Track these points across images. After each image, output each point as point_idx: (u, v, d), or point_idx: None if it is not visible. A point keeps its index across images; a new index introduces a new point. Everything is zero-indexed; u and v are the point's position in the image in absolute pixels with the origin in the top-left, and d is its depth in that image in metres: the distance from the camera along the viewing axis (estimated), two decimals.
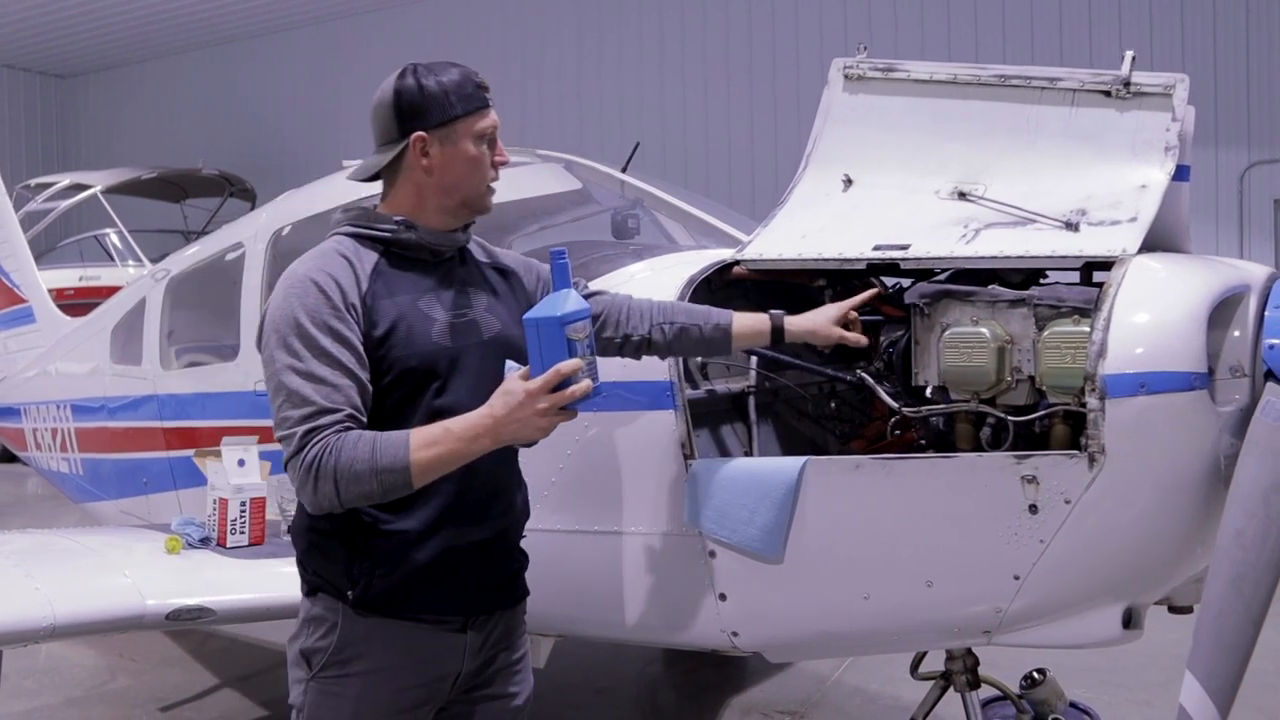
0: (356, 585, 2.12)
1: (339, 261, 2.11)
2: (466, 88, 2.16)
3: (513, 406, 1.92)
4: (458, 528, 2.15)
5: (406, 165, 2.16)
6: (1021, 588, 2.41)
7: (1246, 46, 10.75)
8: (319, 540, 2.15)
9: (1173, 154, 2.61)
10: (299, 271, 2.10)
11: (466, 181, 2.18)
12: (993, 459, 2.39)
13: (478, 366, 2.14)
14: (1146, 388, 2.21)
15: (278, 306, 2.06)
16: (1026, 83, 2.81)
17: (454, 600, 2.19)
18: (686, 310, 2.63)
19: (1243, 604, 2.08)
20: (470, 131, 2.16)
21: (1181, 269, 2.40)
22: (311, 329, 2.01)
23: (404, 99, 2.14)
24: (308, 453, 1.95)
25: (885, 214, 2.85)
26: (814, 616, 2.68)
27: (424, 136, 2.13)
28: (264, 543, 3.34)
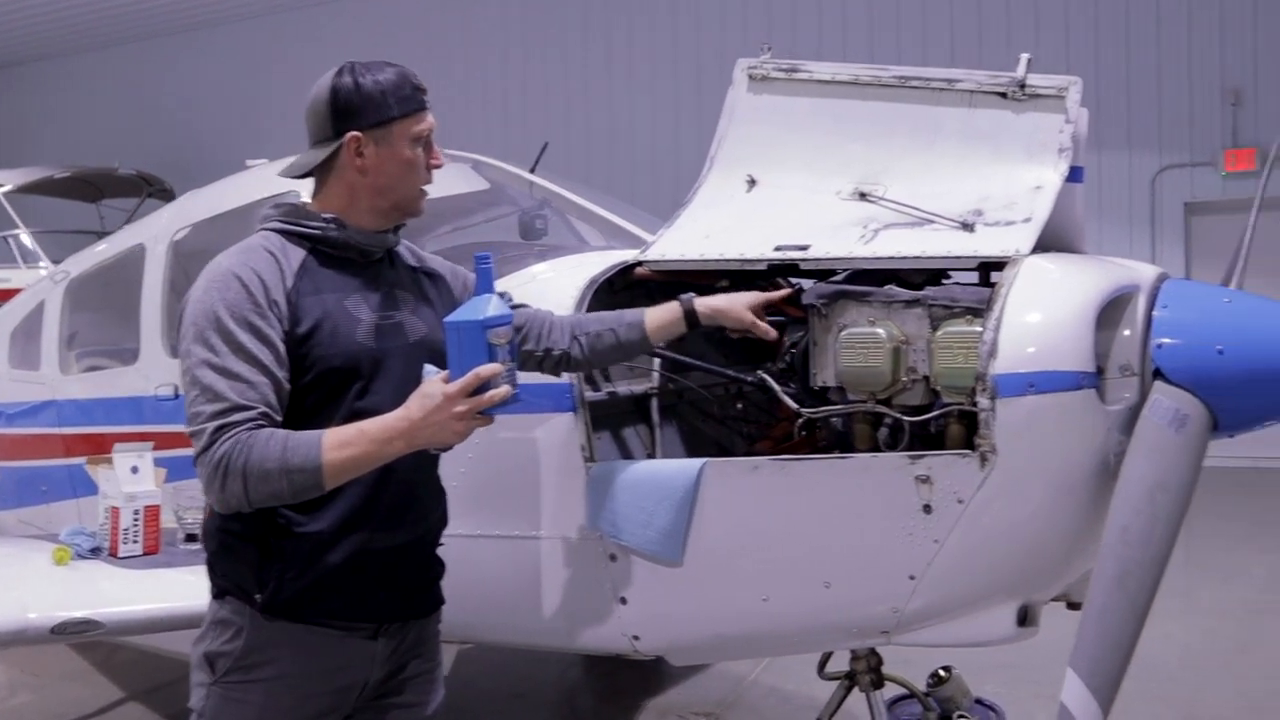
0: (265, 588, 2.07)
1: (264, 257, 2.07)
2: (404, 89, 2.14)
3: (429, 409, 1.90)
4: (371, 532, 2.11)
5: (340, 165, 2.13)
6: (917, 588, 2.42)
7: (1158, 53, 11.02)
8: (229, 542, 2.10)
9: (1066, 155, 2.64)
10: (223, 265, 2.05)
11: (400, 184, 2.15)
12: (887, 459, 2.40)
13: (401, 370, 2.10)
14: (1035, 387, 2.22)
15: (198, 300, 2.02)
16: (925, 84, 2.83)
17: (366, 606, 2.15)
18: (598, 318, 2.61)
19: (1127, 600, 2.10)
20: (406, 134, 2.13)
21: (1072, 269, 2.42)
22: (231, 324, 1.96)
23: (340, 97, 2.12)
24: (217, 449, 1.91)
25: (787, 214, 2.85)
26: (714, 619, 2.66)
27: (359, 137, 2.11)
28: (159, 552, 3.24)
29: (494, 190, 4.03)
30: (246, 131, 14.35)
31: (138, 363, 4.16)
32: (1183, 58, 10.94)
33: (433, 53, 13.84)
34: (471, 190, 3.99)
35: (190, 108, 15.92)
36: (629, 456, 2.88)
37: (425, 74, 2.23)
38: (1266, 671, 5.04)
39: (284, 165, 2.25)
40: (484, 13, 14.05)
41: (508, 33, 13.95)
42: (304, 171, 2.18)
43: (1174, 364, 2.32)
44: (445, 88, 13.81)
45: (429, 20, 14.24)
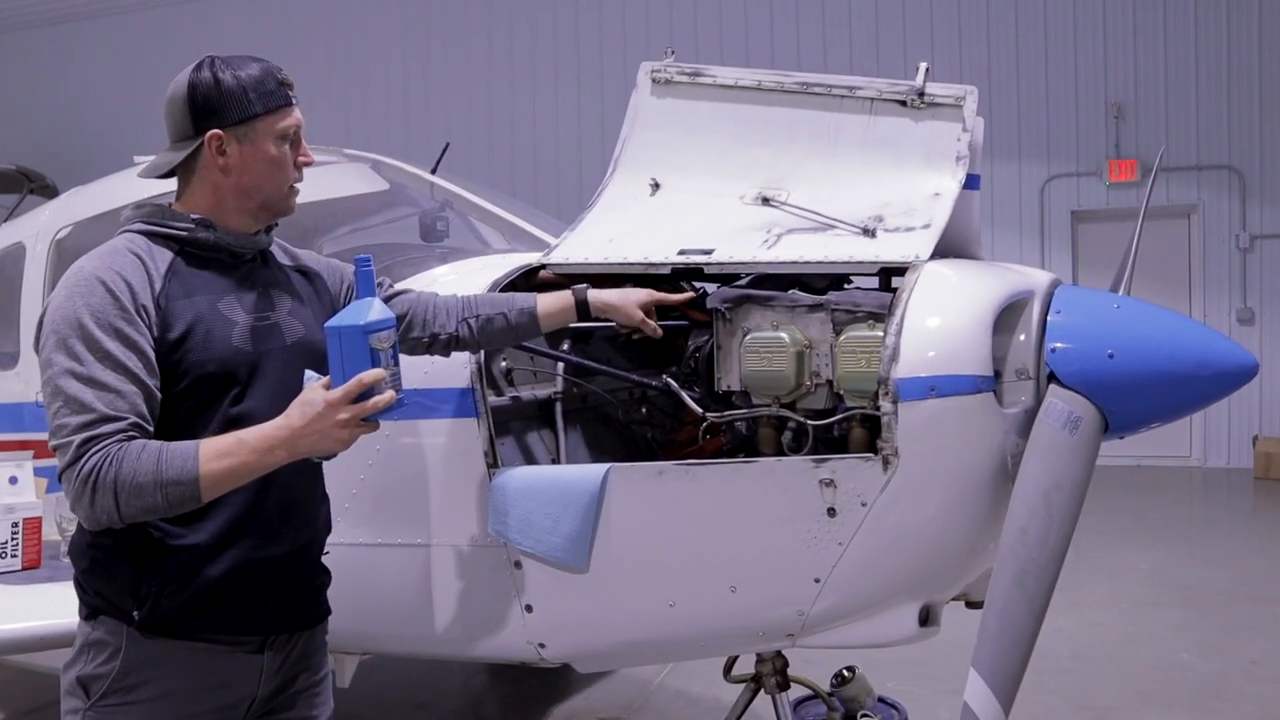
0: (143, 605, 1.98)
1: (130, 259, 1.98)
2: (267, 84, 2.05)
3: (310, 418, 1.84)
4: (253, 542, 2.04)
5: (202, 164, 2.05)
6: (822, 590, 2.44)
7: (1045, 67, 11.37)
8: (101, 558, 2.00)
9: (963, 163, 2.69)
10: (85, 269, 1.95)
11: (267, 182, 2.07)
12: (791, 463, 2.41)
13: (279, 373, 2.04)
14: (936, 390, 2.26)
15: (58, 306, 1.91)
16: (828, 91, 2.86)
17: (250, 620, 2.07)
18: (490, 300, 2.59)
19: (1026, 600, 2.14)
20: (271, 130, 2.05)
21: (970, 275, 2.46)
22: (95, 331, 1.87)
23: (199, 94, 2.03)
24: (85, 463, 1.81)
25: (691, 218, 2.85)
26: (620, 625, 2.65)
27: (220, 135, 2.03)
28: (40, 566, 3.10)
29: (394, 191, 3.96)
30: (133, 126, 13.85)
31: (17, 367, 3.99)
32: (1069, 72, 11.31)
33: (329, 48, 13.59)
34: (370, 191, 3.92)
35: (75, 101, 15.36)
36: (533, 462, 2.85)
37: (320, 71, 2.18)
38: (1152, 663, 5.22)
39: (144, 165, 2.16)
40: (381, 7, 13.83)
41: (407, 28, 13.75)
42: (163, 172, 2.09)
43: (1067, 368, 2.38)
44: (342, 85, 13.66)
45: (325, 14, 13.97)
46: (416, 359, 2.55)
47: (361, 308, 1.87)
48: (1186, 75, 11.07)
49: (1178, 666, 5.20)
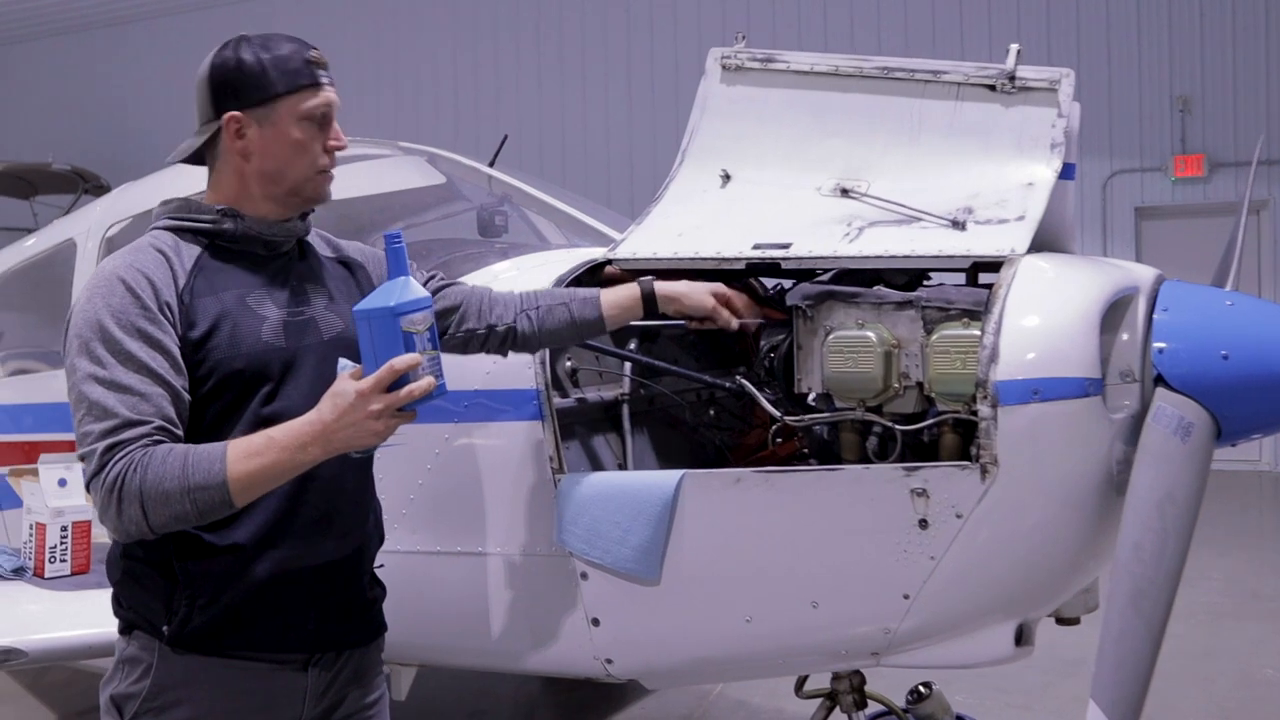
0: (173, 619, 1.87)
1: (153, 256, 1.88)
2: (293, 62, 1.94)
3: (343, 410, 1.71)
4: (291, 549, 1.92)
5: (222, 149, 1.95)
6: (911, 607, 2.29)
7: (1109, 61, 11.08)
8: (133, 569, 1.91)
9: (1059, 151, 2.53)
10: (106, 269, 1.86)
11: (290, 167, 1.95)
12: (880, 471, 2.26)
13: (315, 370, 1.93)
14: (1039, 394, 2.10)
15: (80, 309, 1.82)
16: (910, 76, 2.70)
17: (290, 635, 1.95)
18: (551, 293, 2.45)
19: (1143, 623, 1.98)
20: (295, 111, 1.93)
21: (1072, 270, 2.30)
22: (117, 332, 1.77)
23: (218, 74, 1.94)
24: (109, 471, 1.72)
25: (765, 211, 2.71)
26: (692, 641, 2.52)
27: (238, 116, 1.92)
28: (89, 571, 3.02)
29: (450, 185, 3.86)
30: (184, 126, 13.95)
31: None
32: (1133, 65, 11.00)
33: (383, 41, 13.56)
34: (426, 185, 3.81)
35: (126, 102, 15.49)
36: (599, 467, 2.72)
37: (375, 64, 2.08)
38: (1234, 678, 5.00)
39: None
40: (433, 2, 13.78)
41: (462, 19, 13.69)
42: (184, 156, 1.99)
43: (1177, 370, 2.21)
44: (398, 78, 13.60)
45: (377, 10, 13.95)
46: (478, 359, 2.43)
47: (391, 288, 1.74)
48: (1255, 66, 10.73)
49: (1263, 682, 4.98)
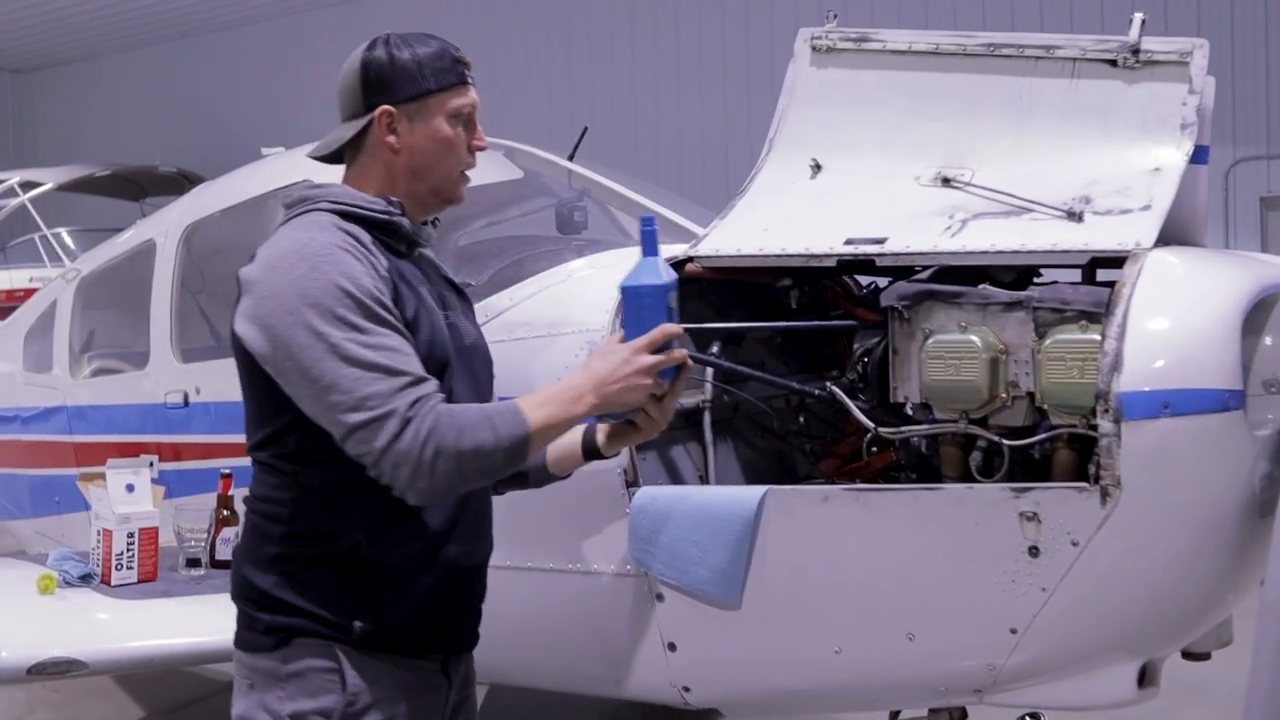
0: (364, 617, 1.80)
1: (344, 235, 1.79)
2: (443, 61, 1.93)
3: (615, 365, 1.80)
4: (458, 549, 1.89)
5: (371, 143, 1.91)
6: (1019, 642, 2.07)
7: (1230, 42, 10.49)
8: (297, 570, 1.81)
9: (1190, 132, 2.26)
10: (317, 240, 1.75)
11: (438, 165, 1.92)
12: (986, 491, 2.04)
13: (466, 373, 1.93)
14: (1171, 409, 1.86)
15: (302, 278, 1.71)
16: (1019, 52, 2.46)
17: (450, 634, 1.93)
18: None
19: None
20: (444, 109, 1.91)
21: (1207, 266, 2.05)
22: (364, 297, 1.72)
23: (372, 70, 1.91)
24: (420, 427, 1.67)
25: (858, 203, 2.51)
26: (777, 671, 2.33)
27: (391, 111, 1.89)
28: (156, 579, 2.94)
29: (529, 179, 3.71)
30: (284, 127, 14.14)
31: (147, 367, 3.88)
32: (1259, 41, 10.39)
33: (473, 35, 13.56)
34: (504, 180, 3.66)
35: (228, 105, 15.83)
36: (678, 481, 2.55)
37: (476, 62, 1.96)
38: None
39: (311, 147, 2.00)
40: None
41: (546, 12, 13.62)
42: (333, 149, 1.95)
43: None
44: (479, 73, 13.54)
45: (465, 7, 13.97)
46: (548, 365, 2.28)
47: (653, 267, 1.89)
48: None
49: None
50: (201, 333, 4.05)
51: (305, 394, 1.71)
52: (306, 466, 1.80)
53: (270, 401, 1.77)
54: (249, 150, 4.97)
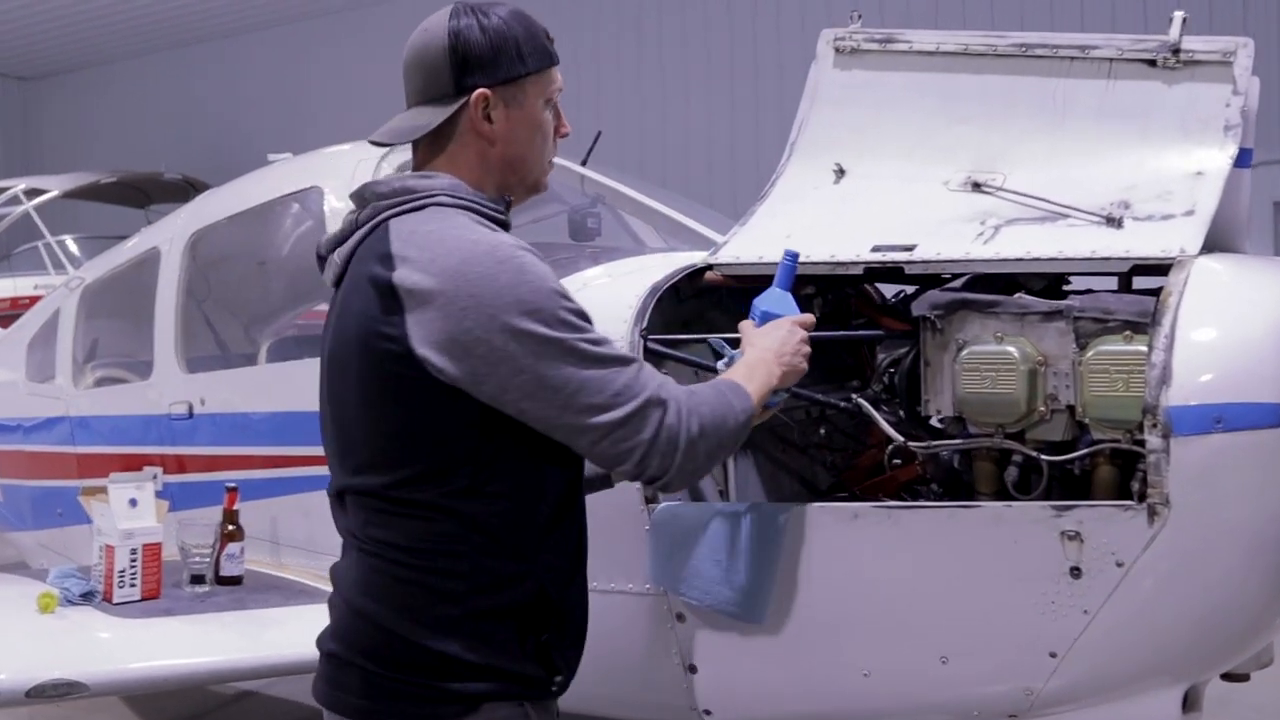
0: (562, 668, 1.68)
1: None
2: (537, 39, 1.73)
3: (784, 337, 1.85)
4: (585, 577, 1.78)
5: (464, 129, 1.70)
6: (1059, 666, 1.99)
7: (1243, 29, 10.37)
8: (484, 627, 1.61)
9: (1234, 134, 2.19)
10: (500, 239, 1.60)
11: (532, 155, 1.74)
12: (1025, 510, 1.95)
13: None
14: (1223, 423, 1.78)
15: (515, 284, 1.55)
16: (1053, 52, 2.39)
17: None
18: None
19: None
20: (540, 92, 1.73)
21: (1256, 273, 1.98)
22: (570, 294, 1.62)
23: (464, 46, 1.69)
24: (677, 407, 1.62)
25: (885, 209, 2.43)
26: (802, 694, 2.24)
27: (488, 94, 1.69)
28: (159, 597, 2.86)
29: None
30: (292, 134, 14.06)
31: (152, 377, 3.80)
32: (1272, 39, 10.28)
33: None
34: None
35: (235, 112, 15.77)
36: (698, 496, 2.46)
37: None
38: None
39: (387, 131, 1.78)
40: None
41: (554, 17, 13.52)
42: (414, 137, 1.73)
43: None
44: None
45: None
46: None
47: (786, 301, 1.96)
48: None
49: None
50: (207, 342, 3.97)
51: (543, 407, 1.56)
52: (483, 503, 1.60)
53: (438, 432, 1.59)
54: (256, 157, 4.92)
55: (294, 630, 2.76)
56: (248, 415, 3.43)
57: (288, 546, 3.25)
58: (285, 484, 3.23)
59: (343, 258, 1.73)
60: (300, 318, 3.91)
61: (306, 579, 3.09)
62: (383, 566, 1.63)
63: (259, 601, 2.91)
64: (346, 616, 1.68)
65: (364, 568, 1.65)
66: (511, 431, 1.60)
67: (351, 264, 1.70)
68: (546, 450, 1.63)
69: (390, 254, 1.60)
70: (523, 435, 1.61)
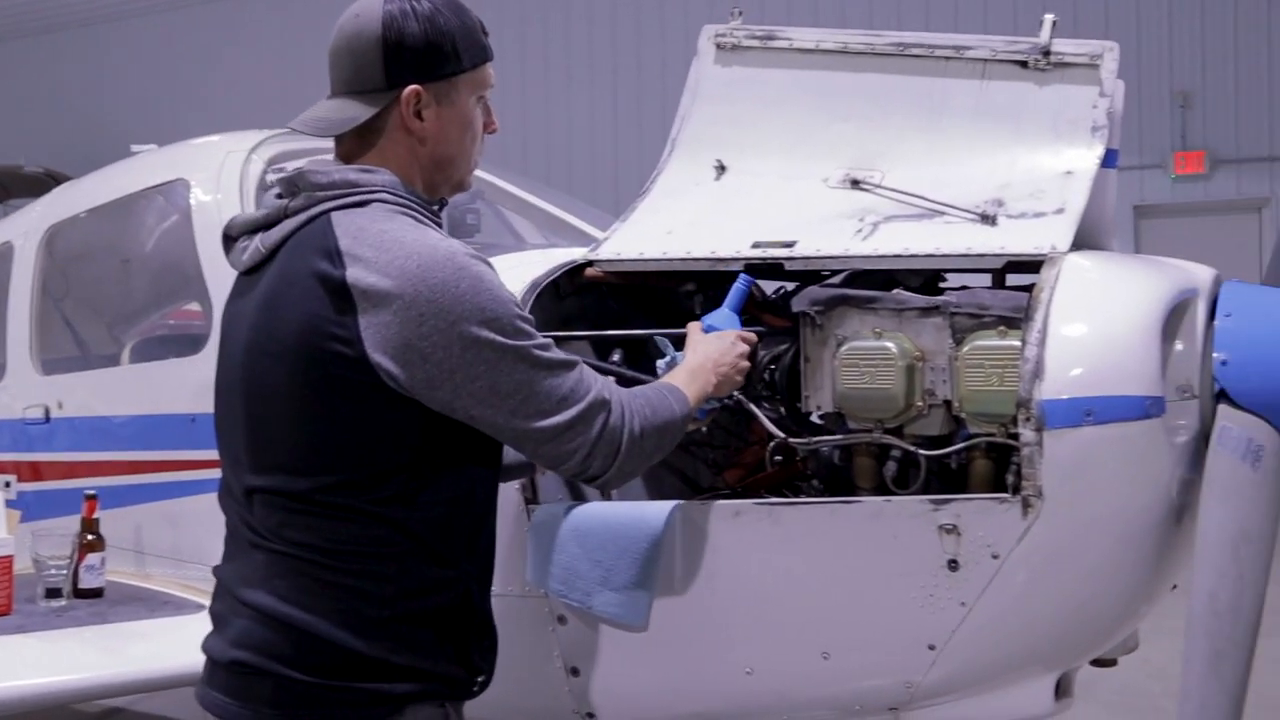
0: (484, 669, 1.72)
1: None
2: (473, 34, 1.69)
3: (726, 347, 1.95)
4: None
5: (392, 125, 1.66)
6: (938, 658, 2.01)
7: None
8: (411, 630, 1.60)
9: (1101, 135, 2.25)
10: (454, 246, 1.59)
11: (462, 154, 1.72)
12: (904, 504, 1.97)
13: None
14: (1093, 416, 1.81)
15: (474, 291, 1.54)
16: (929, 52, 2.42)
17: None
18: None
19: (1224, 689, 1.70)
20: (474, 90, 1.71)
21: (1124, 270, 2.03)
22: (521, 306, 1.66)
23: (397, 34, 1.63)
24: (620, 407, 1.68)
25: (765, 206, 2.43)
26: (685, 694, 2.22)
27: (420, 91, 1.65)
28: (11, 613, 2.70)
29: None
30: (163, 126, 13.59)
31: (4, 379, 3.60)
32: (1132, 56, 10.67)
33: None
34: None
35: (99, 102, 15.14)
36: (579, 496, 2.42)
37: None
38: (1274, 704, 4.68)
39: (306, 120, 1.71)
40: None
41: None
42: (343, 130, 1.67)
43: (1243, 384, 1.93)
44: None
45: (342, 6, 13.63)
46: None
47: (732, 321, 2.09)
48: (1258, 61, 10.46)
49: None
50: (65, 342, 3.78)
51: (494, 413, 1.58)
52: (414, 510, 1.59)
53: (376, 440, 1.57)
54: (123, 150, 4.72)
55: (160, 643, 2.64)
56: (109, 419, 3.27)
57: (153, 556, 3.11)
58: (150, 490, 3.10)
59: (268, 245, 1.65)
60: (171, 316, 3.76)
61: (173, 589, 2.97)
62: (303, 569, 1.58)
63: (121, 614, 2.77)
64: (254, 622, 1.60)
65: (278, 569, 1.59)
66: (450, 442, 1.60)
67: (282, 253, 1.63)
68: (479, 459, 1.65)
69: (339, 250, 1.55)
70: (460, 446, 1.62)
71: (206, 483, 2.67)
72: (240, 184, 3.01)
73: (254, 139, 3.15)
